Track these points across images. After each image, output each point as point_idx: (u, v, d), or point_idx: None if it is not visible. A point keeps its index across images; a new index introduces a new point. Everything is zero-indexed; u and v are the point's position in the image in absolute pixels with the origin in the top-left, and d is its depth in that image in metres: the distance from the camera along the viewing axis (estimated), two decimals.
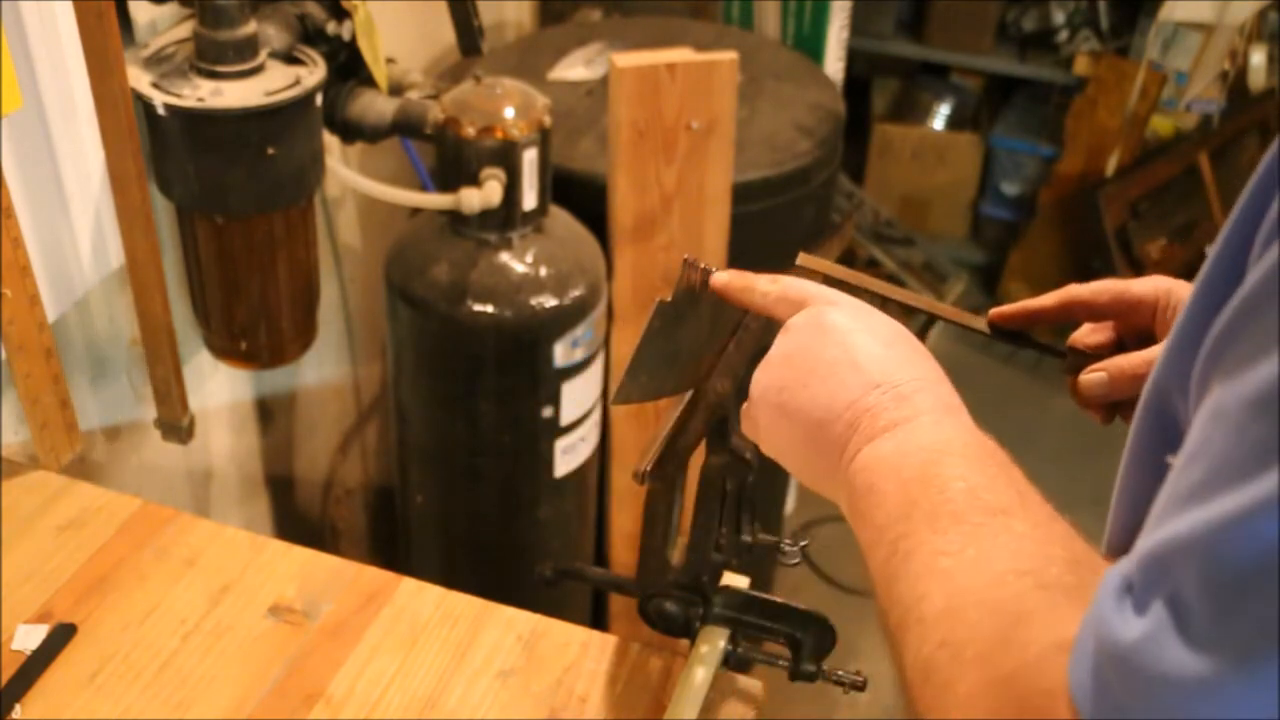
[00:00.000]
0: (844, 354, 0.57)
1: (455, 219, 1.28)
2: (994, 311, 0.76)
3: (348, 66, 1.20)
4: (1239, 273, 0.38)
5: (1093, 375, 0.70)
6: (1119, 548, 0.49)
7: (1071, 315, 0.75)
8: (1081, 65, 2.63)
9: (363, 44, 1.19)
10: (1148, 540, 0.37)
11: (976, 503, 0.48)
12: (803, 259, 0.73)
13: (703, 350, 0.68)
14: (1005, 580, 0.44)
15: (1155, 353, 0.69)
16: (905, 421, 0.53)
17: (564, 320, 1.31)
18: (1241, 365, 0.36)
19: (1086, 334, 0.75)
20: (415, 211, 1.39)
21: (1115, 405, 0.71)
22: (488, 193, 1.22)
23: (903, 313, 0.71)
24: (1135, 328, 0.73)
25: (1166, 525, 0.36)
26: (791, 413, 0.58)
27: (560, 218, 1.35)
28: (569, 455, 1.41)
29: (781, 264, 0.71)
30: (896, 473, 0.51)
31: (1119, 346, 0.73)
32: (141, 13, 1.07)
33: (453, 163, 1.24)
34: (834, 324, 0.58)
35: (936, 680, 0.44)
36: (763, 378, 0.60)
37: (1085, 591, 0.39)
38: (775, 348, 0.60)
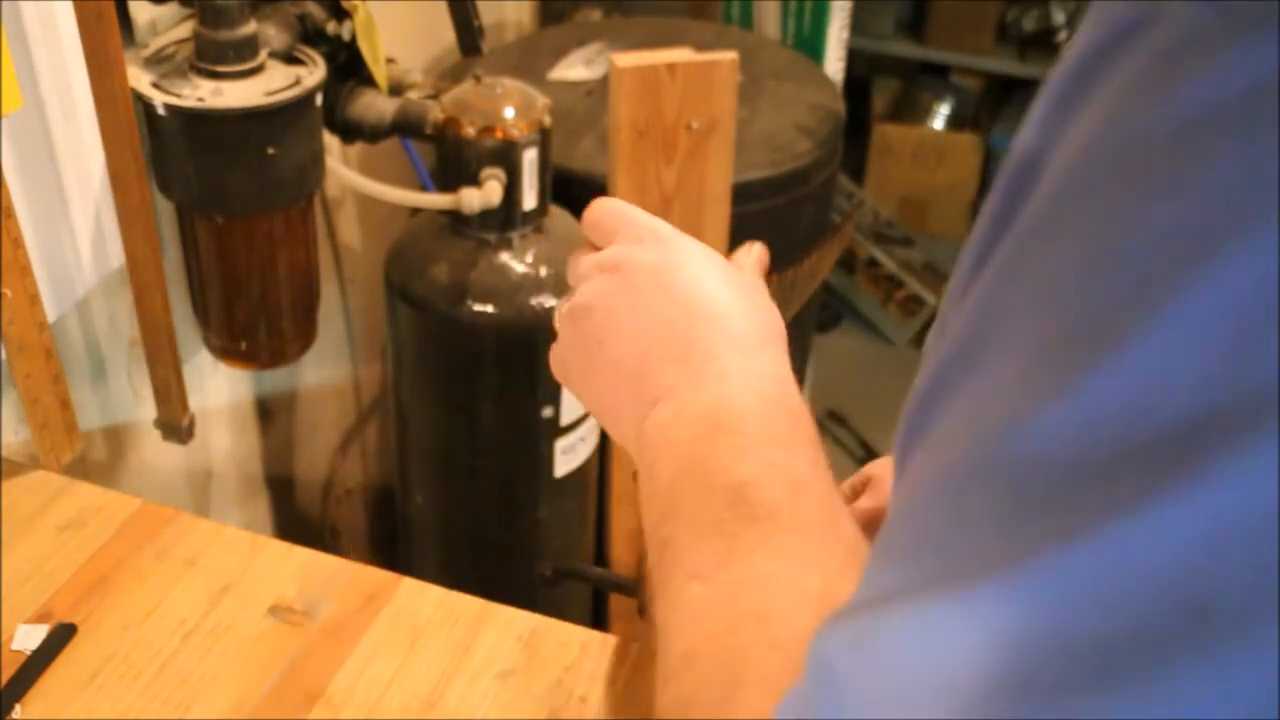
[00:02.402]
0: (639, 301, 0.49)
1: (455, 219, 1.28)
2: None
3: (348, 66, 1.20)
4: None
5: None
6: None
7: None
8: None
9: (363, 44, 1.19)
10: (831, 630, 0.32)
11: (740, 507, 0.41)
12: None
13: None
14: (744, 626, 0.39)
15: None
16: (690, 375, 0.46)
17: None
18: (934, 442, 0.31)
19: None
20: (415, 211, 1.39)
21: None
22: (488, 193, 1.22)
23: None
24: None
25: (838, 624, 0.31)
26: (590, 374, 0.51)
27: (560, 218, 1.35)
28: (569, 455, 1.41)
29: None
30: (670, 451, 0.45)
31: None
32: (141, 13, 1.07)
33: (453, 163, 1.24)
34: (636, 265, 0.50)
35: None
36: (565, 329, 0.53)
37: None
38: (579, 292, 0.52)
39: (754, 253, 0.55)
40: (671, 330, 0.48)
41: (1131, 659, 0.25)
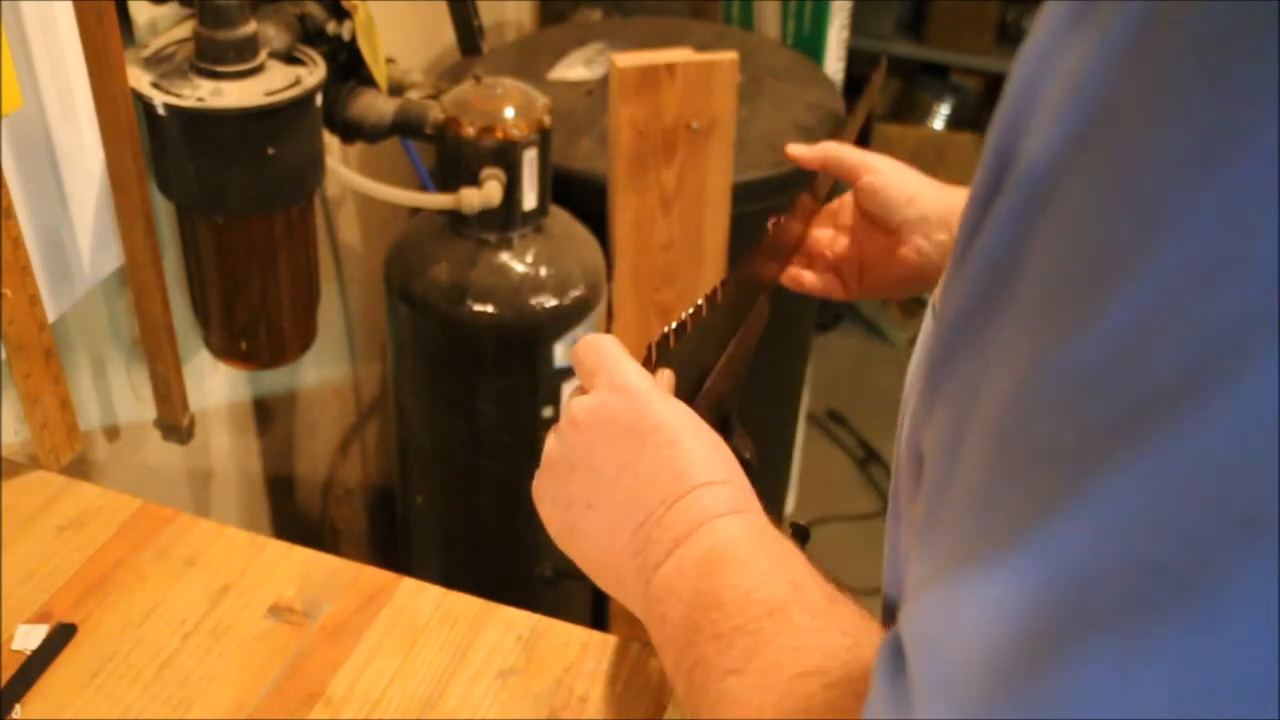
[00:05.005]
0: (625, 464, 0.51)
1: (455, 219, 1.28)
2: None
3: (348, 66, 1.20)
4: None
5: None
6: (892, 604, 0.46)
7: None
8: None
9: (363, 44, 1.19)
10: (904, 616, 0.34)
11: (751, 607, 0.45)
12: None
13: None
14: (792, 688, 0.42)
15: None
16: (684, 538, 0.49)
17: (564, 320, 1.31)
18: (956, 399, 0.32)
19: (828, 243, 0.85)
20: (415, 211, 1.39)
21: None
22: (488, 193, 1.22)
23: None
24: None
25: (913, 605, 0.33)
26: (580, 536, 0.53)
27: (560, 218, 1.35)
28: None
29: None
30: (677, 595, 0.48)
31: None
32: (141, 13, 1.07)
33: (453, 163, 1.24)
34: (614, 421, 0.52)
35: None
36: (547, 484, 0.54)
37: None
38: (558, 443, 0.54)
39: (664, 378, 0.58)
40: (663, 501, 0.50)
41: (1185, 576, 0.25)
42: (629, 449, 0.51)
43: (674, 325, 0.59)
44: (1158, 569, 0.26)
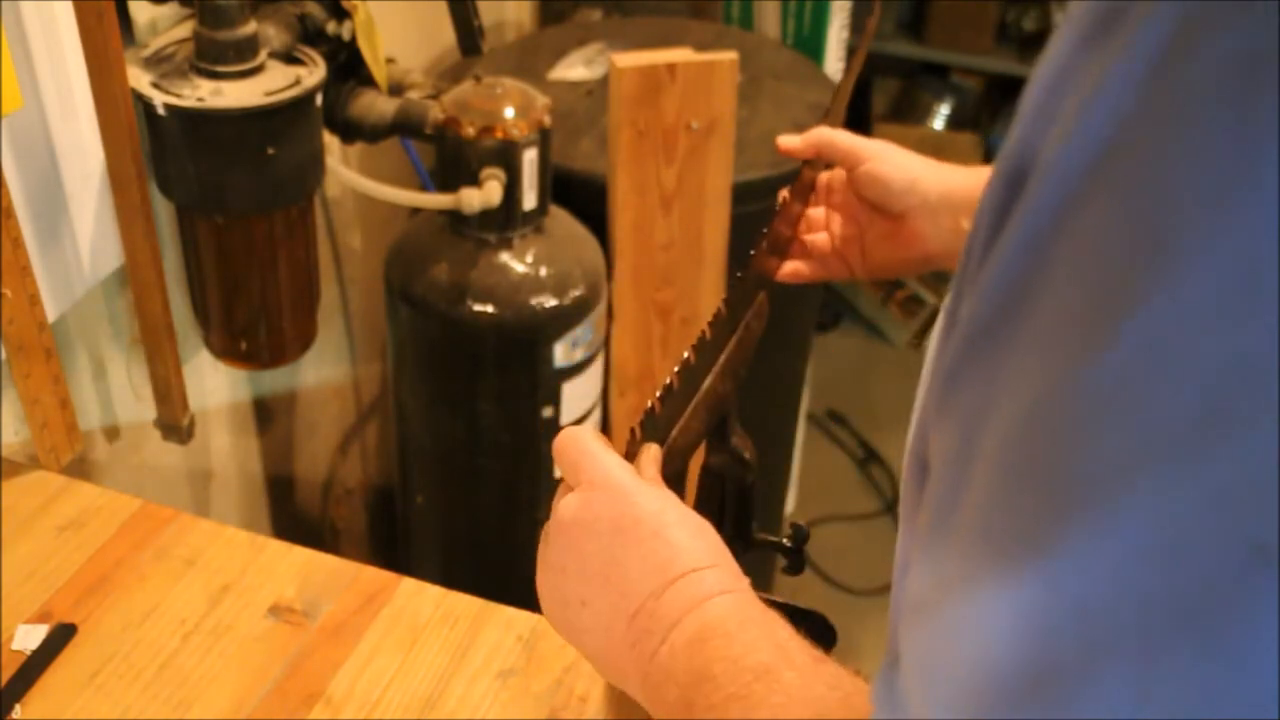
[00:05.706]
0: (613, 560, 0.52)
1: (455, 219, 1.28)
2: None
3: (348, 66, 1.20)
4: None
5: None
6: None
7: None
8: None
9: (363, 44, 1.19)
10: (905, 633, 0.34)
11: (741, 674, 0.46)
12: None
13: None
14: None
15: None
16: (676, 624, 0.50)
17: (564, 320, 1.31)
18: (964, 416, 0.32)
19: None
20: (415, 211, 1.39)
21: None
22: (488, 193, 1.22)
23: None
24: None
25: (915, 624, 0.33)
26: (580, 632, 0.55)
27: (560, 218, 1.35)
28: None
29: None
30: (673, 680, 0.49)
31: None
32: (141, 13, 1.07)
33: (453, 163, 1.24)
34: (598, 519, 0.53)
35: None
36: (545, 586, 0.57)
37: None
38: (549, 545, 0.56)
39: (649, 455, 0.58)
40: (652, 593, 0.51)
41: (1194, 606, 0.25)
42: (615, 545, 0.52)
43: (658, 394, 0.60)
44: (1167, 599, 0.26)
